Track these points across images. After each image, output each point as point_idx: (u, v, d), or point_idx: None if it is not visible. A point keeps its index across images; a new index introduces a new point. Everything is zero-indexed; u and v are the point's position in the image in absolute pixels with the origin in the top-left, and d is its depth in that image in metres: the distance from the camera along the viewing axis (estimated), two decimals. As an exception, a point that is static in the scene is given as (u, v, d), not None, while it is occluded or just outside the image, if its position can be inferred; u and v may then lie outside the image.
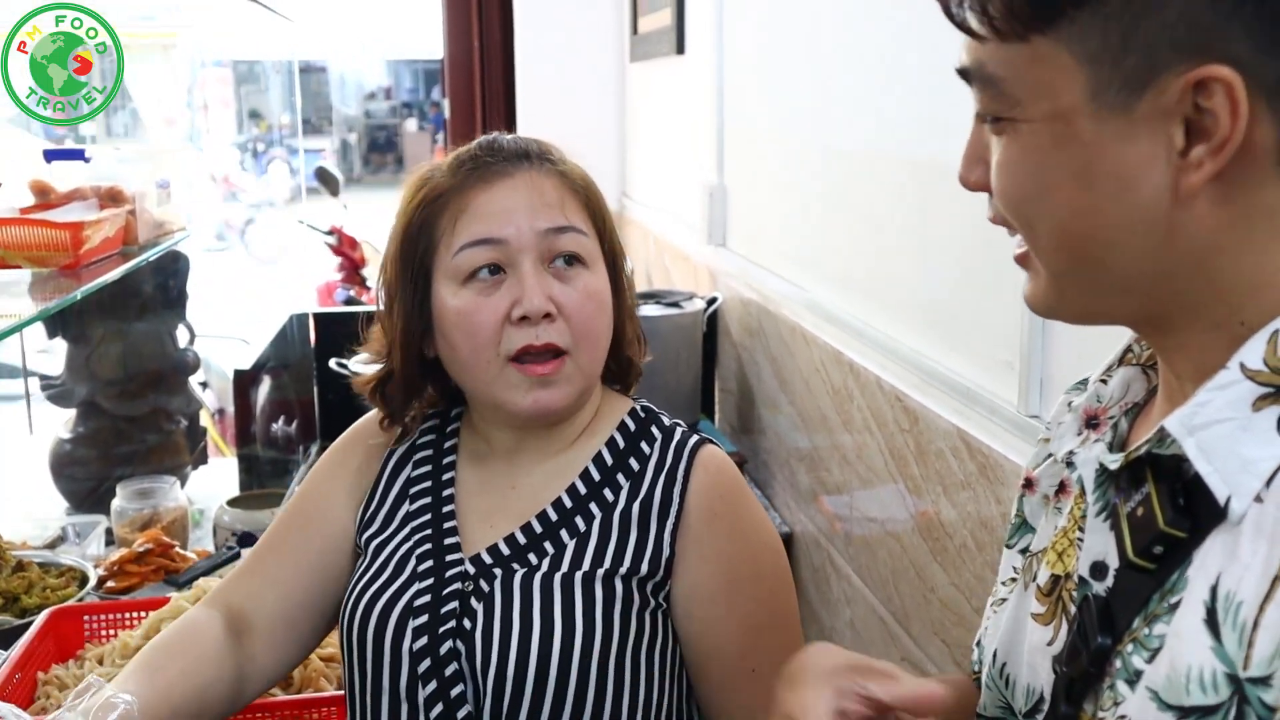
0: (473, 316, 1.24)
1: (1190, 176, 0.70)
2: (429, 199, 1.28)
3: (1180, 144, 0.69)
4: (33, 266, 2.03)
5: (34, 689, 1.64)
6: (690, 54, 3.45)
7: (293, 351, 3.08)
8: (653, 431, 1.33)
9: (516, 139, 1.31)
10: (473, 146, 1.31)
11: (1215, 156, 0.69)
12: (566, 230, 1.26)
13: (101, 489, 2.68)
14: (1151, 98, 0.69)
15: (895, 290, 2.03)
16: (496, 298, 1.24)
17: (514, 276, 1.24)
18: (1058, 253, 0.77)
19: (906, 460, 1.90)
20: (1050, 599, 0.87)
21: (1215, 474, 0.70)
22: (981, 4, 0.73)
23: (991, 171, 0.78)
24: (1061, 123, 0.72)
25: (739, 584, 1.25)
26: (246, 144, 17.88)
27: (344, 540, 1.36)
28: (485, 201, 1.25)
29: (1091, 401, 0.90)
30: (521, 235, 1.24)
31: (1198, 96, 0.68)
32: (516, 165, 1.27)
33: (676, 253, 3.67)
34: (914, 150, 1.88)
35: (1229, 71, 0.67)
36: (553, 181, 1.27)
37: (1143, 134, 0.70)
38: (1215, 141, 0.68)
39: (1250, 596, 0.66)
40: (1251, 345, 0.71)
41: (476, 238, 1.24)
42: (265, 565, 1.36)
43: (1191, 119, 0.69)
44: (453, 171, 1.28)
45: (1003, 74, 0.74)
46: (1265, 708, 0.64)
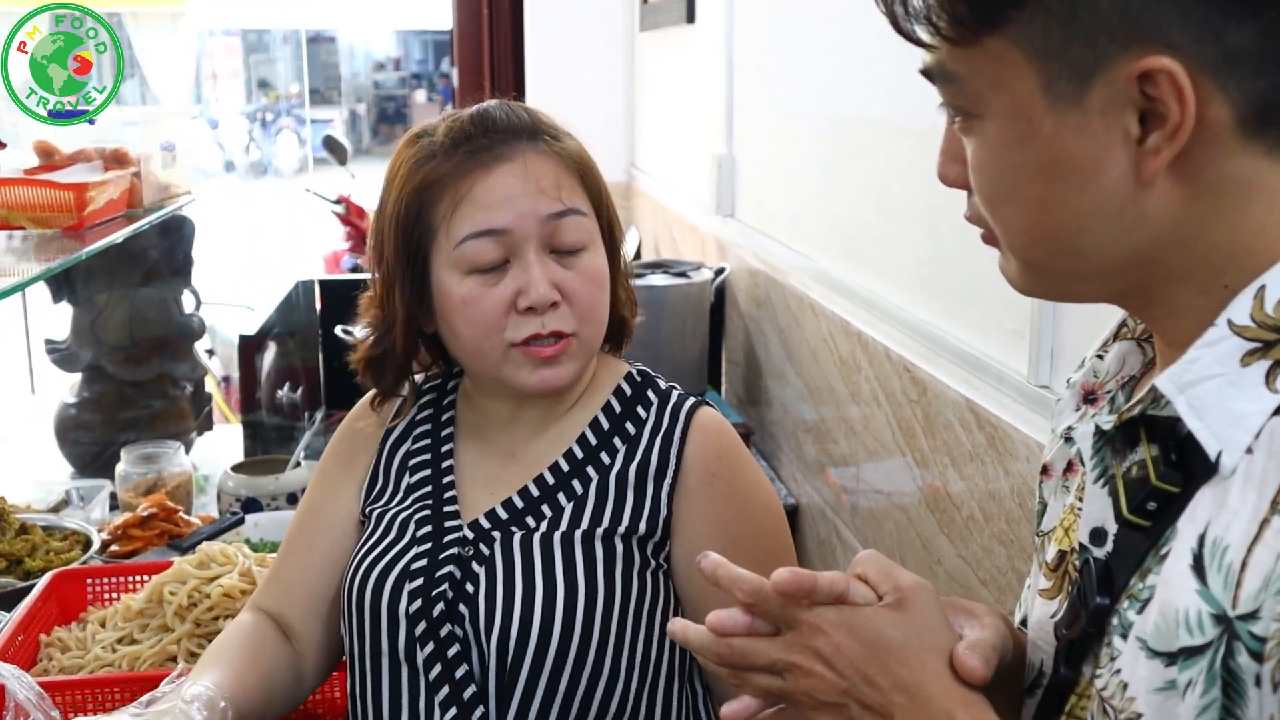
0: (477, 306, 1.24)
1: (1150, 162, 0.71)
2: (425, 184, 1.25)
3: (1136, 132, 0.71)
4: (37, 227, 2.03)
5: (36, 651, 1.64)
6: (700, 22, 3.42)
7: (298, 318, 3.07)
8: (649, 395, 1.33)
9: (509, 111, 1.29)
10: (465, 122, 1.27)
11: (1171, 141, 0.70)
12: (567, 214, 1.25)
13: (106, 454, 2.68)
14: (1100, 89, 0.71)
15: (904, 260, 2.01)
16: (501, 287, 1.24)
17: (518, 265, 1.24)
18: (1032, 246, 0.78)
19: (914, 431, 1.89)
20: (1056, 574, 0.88)
21: (1206, 430, 0.71)
22: (926, 15, 0.75)
23: (969, 173, 0.80)
24: (1023, 119, 0.74)
25: (738, 544, 1.24)
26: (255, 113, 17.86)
27: (353, 526, 1.38)
28: (484, 190, 1.24)
29: (1089, 377, 0.91)
30: (523, 223, 1.23)
31: (1144, 86, 0.70)
32: (512, 146, 1.25)
33: (685, 224, 3.65)
34: (922, 120, 1.86)
35: (1168, 61, 0.69)
36: (550, 163, 1.26)
37: (1098, 125, 0.72)
38: (1169, 128, 0.70)
39: (1237, 541, 0.68)
40: (1238, 302, 0.72)
41: (479, 229, 1.23)
42: (288, 569, 1.39)
43: (1144, 107, 0.70)
44: (448, 153, 1.25)
45: (962, 71, 0.76)
46: (1255, 639, 0.65)
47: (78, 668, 1.59)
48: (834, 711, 0.82)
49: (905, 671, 0.80)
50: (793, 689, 0.83)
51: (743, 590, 0.84)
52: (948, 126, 0.82)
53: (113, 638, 1.62)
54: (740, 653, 0.84)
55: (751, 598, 0.83)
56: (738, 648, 0.84)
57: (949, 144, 0.83)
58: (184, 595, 1.61)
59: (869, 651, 0.80)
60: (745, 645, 0.84)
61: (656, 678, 1.26)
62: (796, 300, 2.52)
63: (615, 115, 4.53)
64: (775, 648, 0.83)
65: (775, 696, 0.85)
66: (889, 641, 0.80)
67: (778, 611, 0.83)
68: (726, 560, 0.86)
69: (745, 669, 0.85)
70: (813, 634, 0.82)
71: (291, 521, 1.44)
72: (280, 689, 1.33)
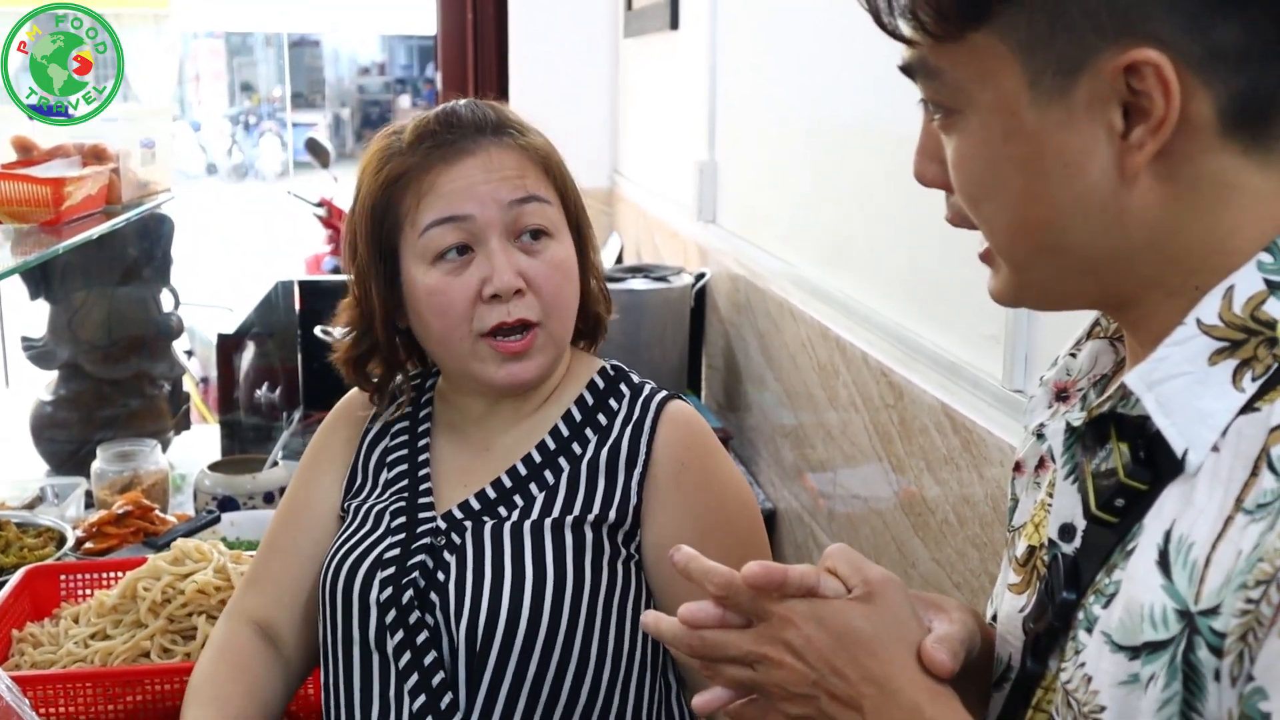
0: (443, 295, 1.25)
1: (1134, 157, 0.71)
2: (391, 179, 1.28)
3: (1120, 126, 0.71)
4: (13, 222, 2.02)
5: (8, 646, 1.63)
6: (684, 29, 3.43)
7: (278, 319, 3.06)
8: (621, 389, 1.35)
9: (474, 108, 1.31)
10: (431, 120, 1.30)
11: (1155, 135, 0.70)
12: (529, 200, 1.27)
13: (82, 451, 2.66)
14: (1086, 82, 0.71)
15: (882, 265, 2.02)
16: (466, 276, 1.25)
17: (482, 254, 1.26)
18: (1015, 243, 0.78)
19: (891, 436, 1.90)
20: (1025, 569, 0.89)
21: (1173, 427, 0.72)
22: (910, 10, 0.75)
23: (950, 171, 0.79)
24: (1007, 114, 0.74)
25: (710, 534, 1.25)
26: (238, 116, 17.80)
27: (335, 523, 1.38)
28: (447, 180, 1.26)
29: (1061, 375, 0.91)
30: (486, 210, 1.25)
31: (1130, 79, 0.70)
32: (476, 141, 1.27)
33: (666, 229, 3.65)
34: (902, 127, 1.87)
35: (1155, 54, 0.69)
36: (513, 155, 1.28)
37: (1083, 119, 0.72)
38: (1153, 121, 0.70)
39: (1202, 538, 0.68)
40: (1207, 302, 0.72)
41: (441, 215, 1.25)
42: (270, 569, 1.39)
43: (1128, 101, 0.70)
44: (413, 149, 1.28)
45: (944, 66, 0.76)
46: (1215, 634, 0.66)
47: (50, 663, 1.58)
48: (804, 703, 0.82)
49: (873, 663, 0.80)
50: (763, 680, 0.83)
51: (714, 583, 0.84)
52: (925, 124, 0.82)
53: (86, 633, 1.61)
54: (712, 644, 0.85)
55: (723, 590, 0.84)
56: (709, 639, 0.85)
57: (926, 142, 0.83)
58: (158, 591, 1.60)
59: (838, 643, 0.81)
60: (716, 637, 0.85)
61: (630, 669, 1.26)
62: (776, 305, 2.52)
63: (599, 121, 4.54)
64: (746, 639, 0.84)
65: (746, 687, 0.85)
66: (857, 634, 0.81)
67: (749, 604, 0.84)
68: (698, 554, 0.87)
69: (717, 660, 0.85)
70: (783, 626, 0.82)
71: (272, 522, 1.44)
72: (277, 710, 1.34)
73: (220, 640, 1.37)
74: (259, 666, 1.34)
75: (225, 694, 1.29)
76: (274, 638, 1.36)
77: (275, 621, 1.36)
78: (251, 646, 1.35)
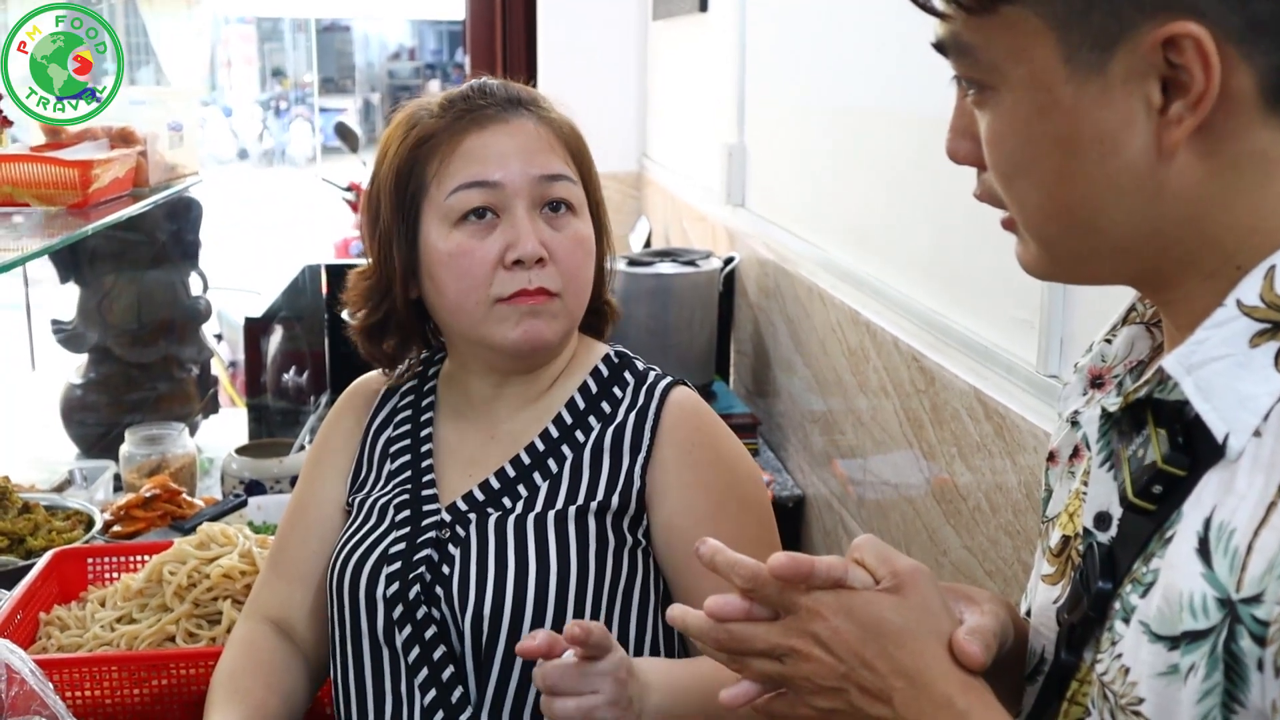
0: (466, 257, 1.25)
1: (1172, 132, 0.69)
2: (421, 139, 1.27)
3: (1158, 101, 0.69)
4: (41, 204, 2.02)
5: (35, 629, 1.64)
6: (713, 11, 3.40)
7: (305, 303, 3.06)
8: (625, 376, 1.34)
9: (506, 85, 1.32)
10: (464, 88, 1.31)
11: (1194, 110, 0.68)
12: (559, 178, 1.27)
13: (111, 435, 2.67)
14: (1123, 57, 0.69)
15: (913, 249, 1.99)
16: (489, 241, 1.25)
17: (507, 221, 1.25)
18: (1048, 221, 0.76)
19: (922, 422, 1.87)
20: (1060, 559, 0.87)
21: (1213, 412, 0.70)
22: None
23: (984, 148, 0.78)
24: (1041, 89, 0.72)
25: (723, 510, 1.25)
26: (269, 101, 17.85)
27: (341, 518, 1.38)
28: (479, 145, 1.26)
29: (1096, 361, 0.89)
30: (515, 179, 1.25)
31: (1169, 53, 0.68)
32: (506, 111, 1.28)
33: (694, 213, 3.63)
34: (932, 109, 1.84)
35: (1195, 26, 0.67)
36: (544, 129, 1.29)
37: (1120, 95, 0.70)
38: (1192, 96, 0.68)
39: (1244, 524, 0.66)
40: (1248, 282, 0.70)
41: (471, 179, 1.25)
42: (283, 566, 1.40)
43: (1167, 76, 0.68)
44: (444, 112, 1.28)
45: (978, 42, 0.74)
46: (1258, 623, 0.64)
47: (76, 646, 1.58)
48: (833, 696, 0.80)
49: (904, 655, 0.78)
50: (792, 674, 0.82)
51: (740, 575, 0.83)
52: (959, 101, 0.80)
53: (111, 617, 1.61)
54: (738, 638, 0.83)
55: (749, 583, 0.82)
56: (736, 633, 0.83)
57: (959, 119, 0.81)
58: (183, 575, 1.60)
59: (867, 635, 0.79)
60: (743, 630, 0.83)
61: (640, 655, 1.25)
62: (805, 290, 2.50)
63: (627, 104, 4.52)
64: (773, 632, 0.82)
65: (774, 681, 0.84)
66: (887, 625, 0.79)
67: (775, 596, 0.82)
68: (724, 546, 0.85)
69: (744, 654, 0.84)
70: (810, 619, 0.80)
71: (282, 520, 1.44)
72: (300, 704, 1.35)
73: (239, 639, 1.38)
74: (278, 662, 1.34)
75: (245, 687, 1.29)
76: (291, 634, 1.37)
77: (290, 618, 1.37)
78: (269, 643, 1.35)
